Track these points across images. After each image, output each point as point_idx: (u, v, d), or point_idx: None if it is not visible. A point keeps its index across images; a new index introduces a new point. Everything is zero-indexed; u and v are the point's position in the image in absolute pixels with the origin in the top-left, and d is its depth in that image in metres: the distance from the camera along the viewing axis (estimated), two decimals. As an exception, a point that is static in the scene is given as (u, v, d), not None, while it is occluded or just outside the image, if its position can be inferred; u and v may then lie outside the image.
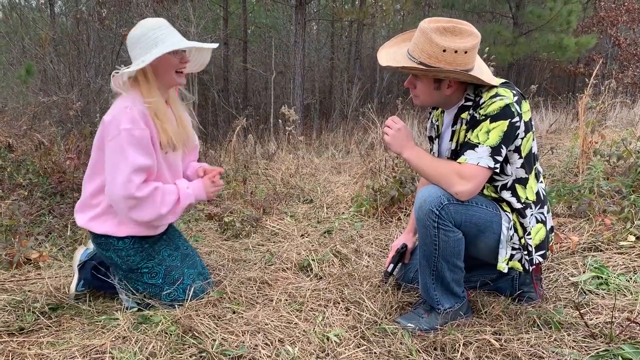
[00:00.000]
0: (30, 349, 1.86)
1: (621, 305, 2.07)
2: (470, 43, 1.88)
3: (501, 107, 1.86)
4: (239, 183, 4.59)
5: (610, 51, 16.17)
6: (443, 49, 1.86)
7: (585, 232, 2.87)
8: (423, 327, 1.99)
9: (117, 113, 2.04)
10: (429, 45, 1.88)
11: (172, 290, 2.21)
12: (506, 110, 1.86)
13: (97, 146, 2.16)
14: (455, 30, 1.87)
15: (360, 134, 7.97)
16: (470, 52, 1.89)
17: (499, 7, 14.01)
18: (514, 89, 1.94)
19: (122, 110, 2.04)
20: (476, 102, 1.95)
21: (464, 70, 1.89)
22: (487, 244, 2.00)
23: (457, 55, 1.87)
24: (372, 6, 13.56)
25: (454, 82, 1.97)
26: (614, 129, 6.41)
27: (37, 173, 3.97)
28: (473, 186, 1.88)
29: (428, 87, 2.00)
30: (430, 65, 1.89)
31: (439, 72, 1.90)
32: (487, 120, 1.88)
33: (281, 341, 1.91)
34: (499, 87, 1.93)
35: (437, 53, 1.87)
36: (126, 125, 2.01)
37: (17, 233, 3.01)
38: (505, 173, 1.98)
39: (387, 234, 3.26)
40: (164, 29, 2.12)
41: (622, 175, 3.61)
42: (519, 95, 1.93)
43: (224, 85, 15.77)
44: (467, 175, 1.88)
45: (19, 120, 5.66)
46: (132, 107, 2.04)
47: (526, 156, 1.96)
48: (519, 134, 1.91)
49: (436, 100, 2.05)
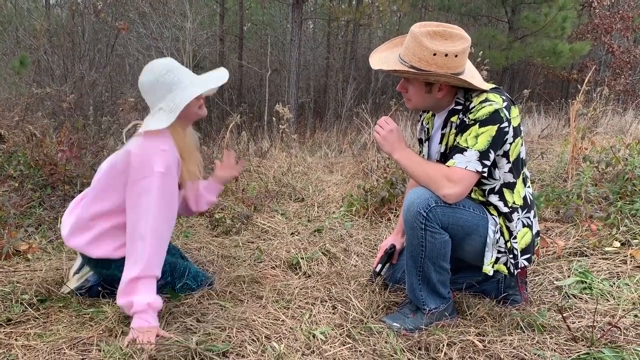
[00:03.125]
0: (18, 340, 1.86)
1: (603, 309, 2.11)
2: (461, 47, 1.90)
3: (490, 112, 1.89)
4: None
5: (603, 58, 16.31)
6: (434, 53, 1.88)
7: (571, 237, 2.91)
8: (408, 326, 2.01)
9: (151, 152, 1.99)
10: (419, 49, 1.90)
11: (183, 283, 2.27)
12: (495, 116, 1.89)
13: (109, 172, 2.09)
14: (446, 34, 1.90)
15: (353, 134, 7.99)
16: (461, 56, 1.91)
17: (495, 11, 14.09)
18: (504, 95, 1.97)
19: (158, 151, 1.99)
20: (466, 106, 1.98)
21: (455, 74, 1.91)
22: (474, 247, 2.03)
23: (448, 58, 1.89)
24: (368, 7, 13.57)
25: (445, 86, 2.00)
26: (604, 136, 6.48)
27: (29, 165, 3.95)
28: (461, 189, 1.91)
29: (420, 91, 2.02)
30: (421, 69, 1.91)
31: (429, 75, 1.92)
32: (476, 124, 1.91)
33: (268, 338, 1.93)
34: (489, 93, 1.95)
35: (428, 57, 1.89)
36: (160, 169, 1.97)
37: (6, 224, 3.00)
38: (494, 177, 2.01)
39: (376, 234, 3.29)
40: (175, 70, 2.08)
41: (610, 182, 3.66)
42: (508, 100, 1.96)
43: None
44: (455, 178, 1.91)
45: (11, 111, 5.63)
46: (169, 151, 2.01)
47: (514, 161, 1.99)
48: (507, 139, 1.94)
49: (428, 103, 2.07)
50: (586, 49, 12.28)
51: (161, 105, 2.06)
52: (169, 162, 1.99)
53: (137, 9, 10.37)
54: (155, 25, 10.37)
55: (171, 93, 2.06)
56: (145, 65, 2.18)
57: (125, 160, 2.03)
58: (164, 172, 1.97)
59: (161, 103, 2.07)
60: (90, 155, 4.34)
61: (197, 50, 11.70)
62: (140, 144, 2.02)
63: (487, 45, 12.51)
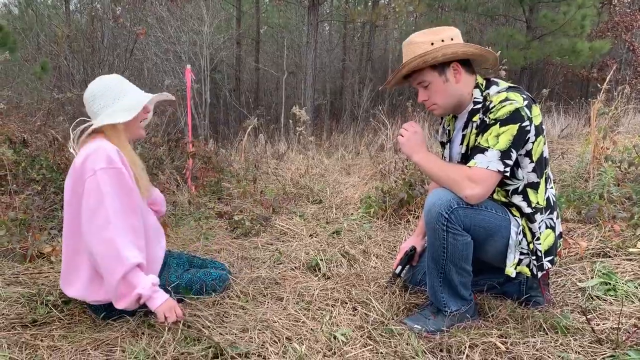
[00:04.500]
0: (43, 341, 1.90)
1: (628, 311, 2.07)
2: (453, 32, 1.99)
3: (511, 112, 1.88)
4: (249, 182, 4.62)
5: (624, 56, 16.05)
6: (430, 43, 1.95)
7: (594, 237, 2.86)
8: (429, 328, 2.00)
9: (88, 154, 1.92)
10: (416, 47, 1.98)
11: (207, 284, 2.29)
12: (516, 115, 1.88)
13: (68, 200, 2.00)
14: (433, 29, 2.01)
15: (370, 135, 7.97)
16: (456, 39, 1.99)
17: (513, 10, 13.93)
18: (524, 93, 1.95)
19: (93, 151, 1.92)
20: (486, 106, 1.96)
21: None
22: (496, 249, 2.01)
23: (445, 42, 1.96)
24: (384, 8, 13.56)
25: (459, 68, 2.00)
26: (626, 135, 6.37)
27: (51, 168, 4.01)
28: (483, 190, 1.90)
29: (437, 84, 2.02)
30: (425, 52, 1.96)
31: (434, 52, 1.94)
32: (497, 124, 1.89)
33: (289, 339, 1.93)
34: (509, 92, 1.94)
35: (426, 47, 1.96)
36: (100, 165, 1.88)
37: (30, 227, 3.06)
38: (517, 177, 1.99)
39: (395, 235, 3.28)
40: (124, 82, 2.12)
41: (632, 181, 3.60)
42: (529, 99, 1.94)
43: (235, 85, 15.85)
44: (477, 179, 1.89)
45: (33, 116, 5.72)
46: (107, 147, 1.93)
47: (537, 160, 1.97)
48: (529, 138, 1.92)
49: (452, 97, 2.04)
50: (606, 47, 12.09)
51: (115, 108, 2.04)
52: (108, 155, 1.90)
53: (155, 14, 10.48)
54: (173, 29, 10.47)
55: (126, 97, 2.07)
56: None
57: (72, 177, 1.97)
58: (105, 167, 1.89)
59: (114, 106, 2.05)
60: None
61: (214, 54, 11.78)
62: (80, 153, 1.97)
63: (505, 45, 12.38)
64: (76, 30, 10.29)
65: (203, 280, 2.29)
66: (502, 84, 2.01)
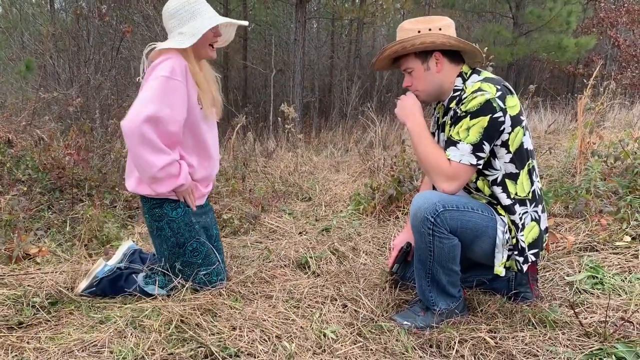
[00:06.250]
0: (30, 343, 1.87)
1: (615, 304, 2.09)
2: (444, 22, 1.99)
3: (481, 103, 1.88)
4: (237, 180, 4.60)
5: (609, 52, 16.19)
6: (418, 30, 1.98)
7: (581, 232, 2.89)
8: (419, 324, 2.00)
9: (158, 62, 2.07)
10: (404, 33, 2.00)
11: (208, 272, 2.31)
12: (486, 106, 1.88)
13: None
14: (427, 17, 2.02)
15: (359, 132, 7.98)
16: (445, 30, 1.98)
17: (499, 7, 14.02)
18: (500, 84, 1.95)
19: (164, 60, 2.07)
20: (461, 96, 1.98)
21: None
22: (483, 249, 2.01)
23: (432, 32, 1.97)
24: (372, 5, 13.53)
25: (441, 58, 2.01)
26: (612, 130, 6.42)
27: (37, 169, 3.97)
28: (457, 183, 1.93)
29: (419, 72, 2.04)
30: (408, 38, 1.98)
31: (413, 40, 1.96)
32: (467, 117, 1.90)
33: (278, 337, 1.92)
34: (483, 82, 1.94)
35: (413, 34, 1.98)
36: (164, 73, 2.03)
37: (16, 228, 3.02)
38: (494, 167, 1.99)
39: (384, 232, 3.28)
40: (200, 2, 2.20)
41: (619, 176, 3.63)
42: (503, 90, 1.93)
43: (223, 83, 15.74)
44: (451, 173, 1.92)
45: (18, 116, 5.66)
46: (175, 59, 2.08)
47: (516, 151, 1.97)
48: (504, 129, 1.92)
49: (433, 85, 2.06)
50: (592, 43, 12.17)
51: (182, 30, 2.15)
52: (173, 67, 2.05)
53: (141, 12, 10.38)
54: (160, 27, 10.38)
55: (194, 20, 2.16)
56: None
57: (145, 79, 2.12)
58: (168, 76, 2.04)
59: (183, 28, 2.15)
60: (97, 158, 4.36)
61: (202, 52, 11.67)
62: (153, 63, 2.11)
63: (492, 41, 12.42)
64: (61, 28, 10.17)
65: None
66: (483, 74, 2.02)
